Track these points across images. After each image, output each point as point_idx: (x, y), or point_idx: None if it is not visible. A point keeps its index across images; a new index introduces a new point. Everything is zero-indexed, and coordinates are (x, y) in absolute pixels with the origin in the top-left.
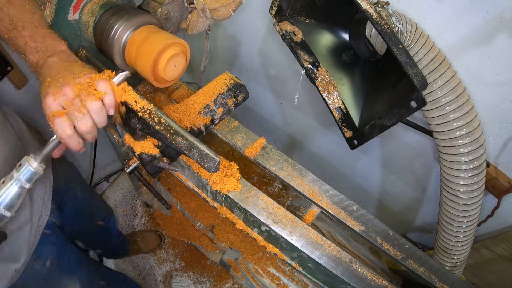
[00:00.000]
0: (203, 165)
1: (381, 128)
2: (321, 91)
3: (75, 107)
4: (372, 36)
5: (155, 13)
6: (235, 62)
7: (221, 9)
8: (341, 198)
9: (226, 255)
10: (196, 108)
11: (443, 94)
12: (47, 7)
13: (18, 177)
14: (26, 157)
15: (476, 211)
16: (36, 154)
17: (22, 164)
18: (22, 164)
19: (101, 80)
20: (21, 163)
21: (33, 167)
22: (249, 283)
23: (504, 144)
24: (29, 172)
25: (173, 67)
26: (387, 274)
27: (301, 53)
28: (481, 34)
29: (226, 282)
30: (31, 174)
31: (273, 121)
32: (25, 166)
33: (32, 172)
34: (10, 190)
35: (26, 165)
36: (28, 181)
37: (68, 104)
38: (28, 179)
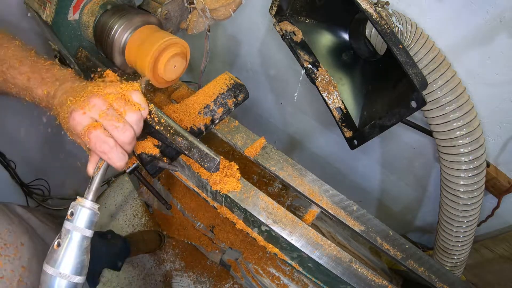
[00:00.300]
0: (203, 165)
1: (381, 128)
2: (321, 91)
3: (112, 117)
4: (372, 36)
5: (155, 13)
6: (235, 62)
7: (221, 9)
8: (341, 198)
9: (226, 255)
10: (196, 108)
11: (443, 94)
12: (47, 7)
13: (75, 226)
14: (76, 201)
15: (476, 211)
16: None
17: (74, 210)
18: (74, 211)
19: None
20: (72, 211)
21: (88, 207)
22: (249, 283)
23: (504, 144)
24: (85, 215)
25: (173, 67)
26: (387, 274)
27: (301, 53)
28: (481, 34)
29: (226, 282)
30: (90, 217)
31: (273, 121)
32: (79, 209)
33: (89, 214)
34: (71, 247)
35: (79, 208)
36: (89, 226)
37: (102, 115)
38: (88, 224)
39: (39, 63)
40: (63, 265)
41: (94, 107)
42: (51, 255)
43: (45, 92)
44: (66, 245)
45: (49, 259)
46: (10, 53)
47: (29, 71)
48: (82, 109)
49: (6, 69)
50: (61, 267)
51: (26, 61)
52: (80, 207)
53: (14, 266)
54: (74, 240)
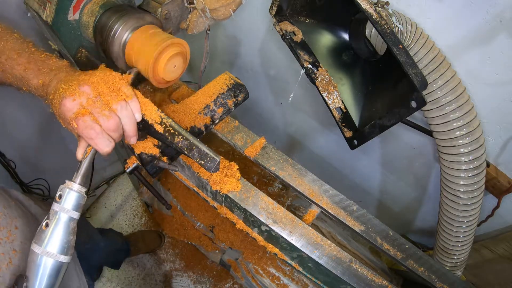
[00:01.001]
0: (203, 165)
1: (381, 128)
2: (321, 91)
3: (98, 104)
4: (372, 36)
5: (155, 13)
6: (235, 62)
7: (221, 9)
8: (341, 198)
9: (226, 255)
10: (196, 108)
11: (443, 94)
12: (47, 7)
13: (62, 207)
14: (64, 184)
15: (476, 211)
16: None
17: (62, 192)
18: (62, 193)
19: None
20: (60, 194)
21: (75, 190)
22: (249, 283)
23: (504, 144)
24: (73, 197)
25: (173, 67)
26: (387, 274)
27: (301, 53)
28: (481, 34)
29: (226, 282)
30: (77, 199)
31: (273, 121)
32: (67, 192)
33: (77, 196)
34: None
35: (67, 191)
36: (76, 208)
37: (90, 103)
38: (75, 206)
39: (36, 55)
40: (50, 244)
41: (83, 94)
42: (39, 235)
43: (40, 82)
44: (54, 225)
45: (37, 239)
46: (9, 45)
47: (26, 62)
48: (72, 96)
49: (4, 60)
50: (48, 246)
51: (23, 53)
52: (68, 190)
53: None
54: (62, 220)
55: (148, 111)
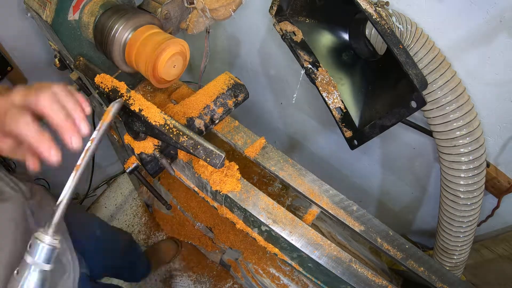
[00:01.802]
0: (209, 162)
1: (381, 128)
2: (321, 91)
3: None
4: (372, 36)
5: (155, 13)
6: (235, 62)
7: (221, 9)
8: (341, 198)
9: (226, 255)
10: (196, 108)
11: (443, 94)
12: (47, 7)
13: (33, 261)
14: (35, 234)
15: (476, 211)
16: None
17: (33, 244)
18: (32, 245)
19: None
20: (30, 244)
21: (47, 243)
22: (249, 283)
23: (504, 144)
24: (44, 250)
25: (173, 67)
26: (387, 274)
27: (301, 53)
28: (481, 34)
29: (226, 282)
30: (48, 252)
31: (273, 121)
32: (38, 245)
33: (48, 249)
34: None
35: (38, 243)
36: (47, 261)
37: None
38: (46, 259)
39: None
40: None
41: None
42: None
43: None
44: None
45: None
46: None
47: None
48: None
49: None
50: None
51: None
52: (40, 243)
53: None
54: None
55: (151, 114)
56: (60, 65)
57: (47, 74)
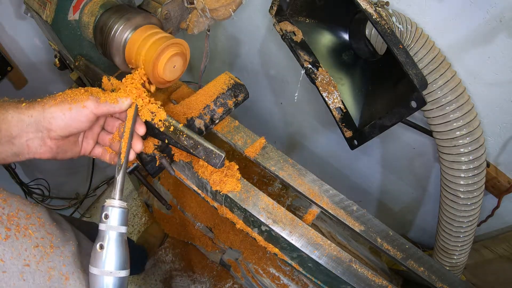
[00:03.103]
0: (209, 162)
1: (381, 128)
2: (321, 91)
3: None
4: (372, 36)
5: (155, 13)
6: (235, 62)
7: (221, 9)
8: (341, 198)
9: (226, 255)
10: (196, 108)
11: (443, 94)
12: (47, 7)
13: (109, 226)
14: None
15: (476, 211)
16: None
17: (105, 211)
18: (105, 213)
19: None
20: (104, 213)
21: (117, 206)
22: (249, 283)
23: (504, 144)
24: (117, 213)
25: (173, 68)
26: (387, 274)
27: (301, 53)
28: (481, 34)
29: (226, 282)
30: (121, 214)
31: (273, 121)
32: (110, 210)
33: (120, 212)
34: (110, 246)
35: (109, 209)
36: (122, 223)
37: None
38: (121, 221)
39: None
40: (108, 264)
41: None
42: (95, 257)
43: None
44: (107, 245)
45: (93, 261)
46: None
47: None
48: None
49: None
50: (106, 266)
51: None
52: (111, 208)
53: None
54: (112, 238)
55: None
56: (60, 65)
57: (47, 74)
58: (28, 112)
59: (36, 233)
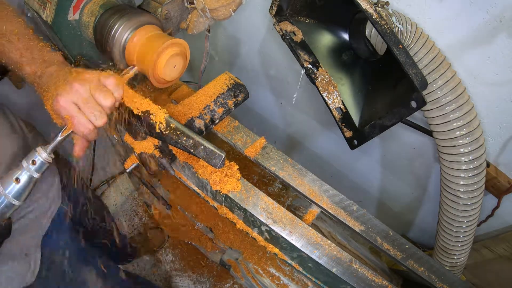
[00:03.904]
0: (209, 162)
1: (381, 128)
2: (321, 91)
3: (91, 104)
4: (372, 36)
5: (155, 13)
6: (235, 62)
7: (221, 9)
8: (341, 198)
9: (226, 255)
10: (196, 108)
11: (443, 94)
12: (47, 7)
13: (27, 167)
14: (36, 148)
15: (476, 211)
16: (45, 145)
17: (31, 154)
18: (31, 155)
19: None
20: (30, 154)
21: (42, 157)
22: (249, 283)
23: (504, 144)
24: (39, 162)
25: (173, 67)
26: (387, 274)
27: (301, 53)
28: (481, 34)
29: (226, 282)
30: (41, 164)
31: (273, 121)
32: (35, 156)
33: (41, 162)
34: (20, 179)
35: (36, 155)
36: (38, 170)
37: (83, 102)
38: (37, 168)
39: (34, 43)
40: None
41: (76, 92)
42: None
43: (32, 70)
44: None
45: (3, 183)
46: (12, 29)
47: (23, 48)
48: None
49: (5, 42)
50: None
51: (23, 39)
52: (37, 155)
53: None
54: (23, 175)
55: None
56: None
57: None
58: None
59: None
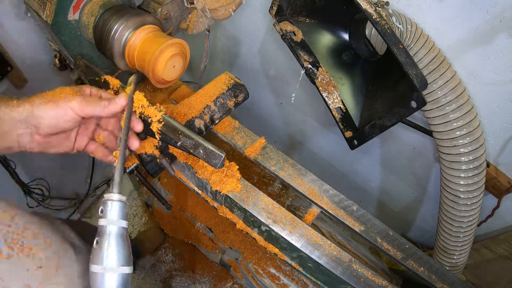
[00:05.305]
0: (209, 162)
1: (381, 128)
2: (321, 91)
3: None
4: (372, 36)
5: (155, 13)
6: (235, 62)
7: (221, 9)
8: (341, 198)
9: (226, 255)
10: (196, 108)
11: (443, 94)
12: (47, 7)
13: (110, 220)
14: (104, 198)
15: (476, 211)
16: (109, 189)
17: (104, 206)
18: (104, 207)
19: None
20: (102, 209)
21: (116, 199)
22: (249, 283)
23: (504, 144)
24: (117, 207)
25: (173, 68)
26: (387, 274)
27: (301, 53)
28: (481, 34)
29: (226, 282)
30: (120, 208)
31: (273, 121)
32: (109, 204)
33: (120, 206)
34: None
35: (108, 203)
36: (123, 217)
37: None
38: (121, 215)
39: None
40: (109, 260)
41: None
42: (95, 254)
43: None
44: (106, 240)
45: (93, 259)
46: None
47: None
48: None
49: None
50: (107, 262)
51: None
52: (109, 202)
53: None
54: (113, 233)
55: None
56: (60, 65)
57: (47, 74)
58: (18, 110)
59: (40, 252)
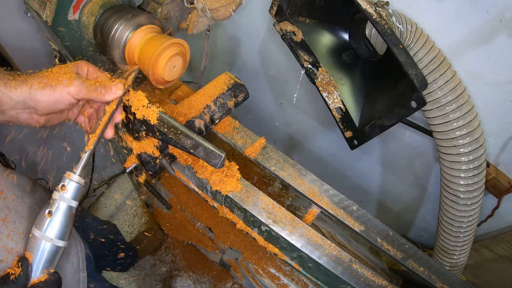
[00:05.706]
0: (209, 162)
1: (381, 128)
2: (321, 91)
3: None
4: (372, 36)
5: (155, 13)
6: (235, 62)
7: (221, 9)
8: (341, 198)
9: (226, 255)
10: (196, 108)
11: (443, 94)
12: (47, 7)
13: (64, 197)
14: (65, 175)
15: (476, 211)
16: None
17: (63, 182)
18: (62, 184)
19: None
20: (61, 184)
21: (75, 181)
22: (249, 283)
23: (504, 144)
24: (73, 187)
25: (173, 68)
26: (387, 274)
27: (301, 53)
28: (481, 34)
29: (226, 282)
30: (76, 189)
31: (273, 121)
32: (67, 182)
33: (76, 187)
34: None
35: (67, 181)
36: (75, 197)
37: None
38: (74, 196)
39: None
40: (50, 230)
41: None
42: (40, 220)
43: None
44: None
45: (38, 224)
46: None
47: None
48: None
49: None
50: (47, 231)
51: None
52: (69, 181)
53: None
54: (61, 209)
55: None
56: None
57: None
58: (16, 91)
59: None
